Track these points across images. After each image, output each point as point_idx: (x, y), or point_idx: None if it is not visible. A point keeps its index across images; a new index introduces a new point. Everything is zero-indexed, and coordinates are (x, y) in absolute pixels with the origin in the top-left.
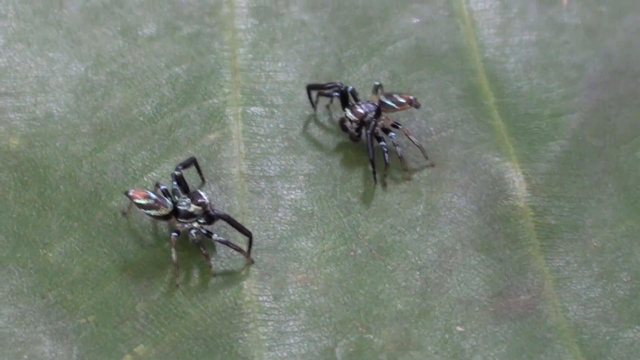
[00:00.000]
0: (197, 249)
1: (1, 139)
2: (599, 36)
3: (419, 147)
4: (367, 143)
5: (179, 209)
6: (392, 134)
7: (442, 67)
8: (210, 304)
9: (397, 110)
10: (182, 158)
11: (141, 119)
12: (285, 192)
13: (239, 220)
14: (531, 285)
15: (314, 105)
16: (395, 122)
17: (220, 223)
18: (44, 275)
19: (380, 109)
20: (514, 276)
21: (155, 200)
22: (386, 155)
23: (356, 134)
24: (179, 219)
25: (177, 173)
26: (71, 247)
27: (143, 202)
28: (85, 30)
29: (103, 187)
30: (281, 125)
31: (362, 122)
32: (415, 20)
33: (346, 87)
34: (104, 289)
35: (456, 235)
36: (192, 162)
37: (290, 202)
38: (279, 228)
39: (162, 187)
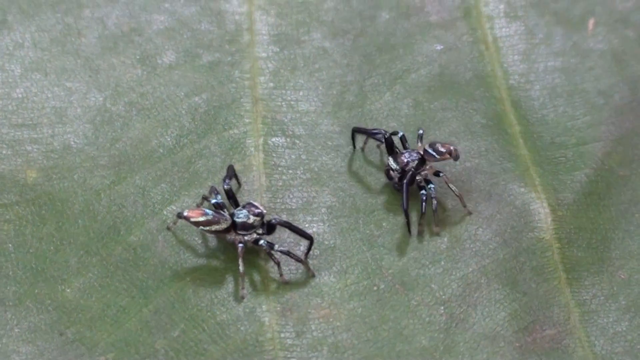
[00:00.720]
0: (268, 258)
1: (18, 171)
2: (625, 62)
3: (459, 196)
4: (403, 193)
5: (237, 222)
6: (432, 185)
7: (466, 95)
8: (231, 341)
9: (438, 159)
10: (203, 191)
11: (161, 150)
12: (307, 225)
13: None
14: (557, 319)
15: (354, 145)
16: (438, 171)
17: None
18: (62, 312)
19: (424, 158)
20: (540, 310)
21: (214, 216)
22: (424, 204)
23: (398, 182)
24: (238, 232)
25: (226, 187)
26: (90, 283)
27: (201, 219)
28: (104, 59)
29: (122, 221)
30: (303, 156)
31: (404, 171)
32: (439, 47)
33: (390, 135)
34: (123, 326)
35: (481, 268)
36: (233, 172)
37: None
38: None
39: (213, 201)
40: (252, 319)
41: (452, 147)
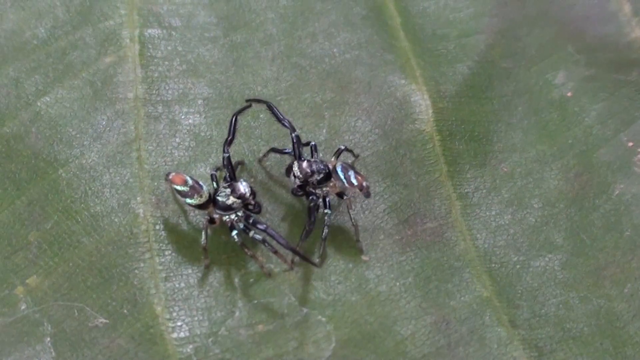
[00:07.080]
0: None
1: None
2: None
3: (355, 226)
4: (309, 213)
5: (218, 200)
6: (328, 210)
7: None
8: (105, 233)
9: (345, 187)
10: (78, 82)
11: (34, 42)
12: (183, 117)
13: (136, 147)
14: (438, 212)
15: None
16: (342, 192)
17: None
18: None
19: (330, 174)
20: (421, 203)
21: (191, 187)
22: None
23: (297, 188)
24: (217, 210)
25: (225, 155)
26: None
27: (179, 188)
28: None
29: None
30: (179, 48)
31: (305, 181)
32: None
33: (297, 135)
34: None
35: (360, 160)
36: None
37: (188, 127)
38: (176, 154)
39: (213, 172)
40: (127, 210)
41: (365, 183)
